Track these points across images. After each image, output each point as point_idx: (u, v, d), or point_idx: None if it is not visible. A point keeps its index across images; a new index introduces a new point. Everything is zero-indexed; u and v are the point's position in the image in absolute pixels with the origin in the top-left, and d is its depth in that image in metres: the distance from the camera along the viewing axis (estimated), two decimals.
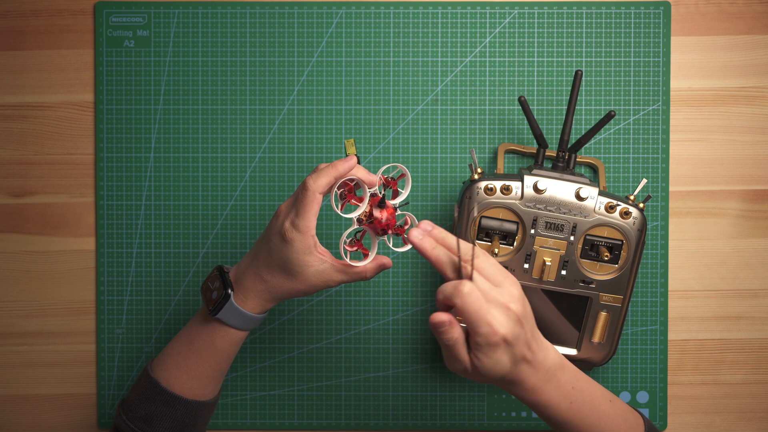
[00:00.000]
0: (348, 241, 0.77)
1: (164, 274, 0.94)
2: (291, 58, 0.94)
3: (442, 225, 0.93)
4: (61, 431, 0.95)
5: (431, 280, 0.94)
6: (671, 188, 0.93)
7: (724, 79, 0.93)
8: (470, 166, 0.85)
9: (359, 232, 0.78)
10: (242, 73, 0.94)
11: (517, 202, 0.83)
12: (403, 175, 0.78)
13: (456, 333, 0.66)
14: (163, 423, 0.77)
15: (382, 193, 0.77)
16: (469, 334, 0.67)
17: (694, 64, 0.93)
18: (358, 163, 0.76)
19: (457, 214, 0.85)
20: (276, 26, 0.94)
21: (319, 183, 0.73)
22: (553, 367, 0.70)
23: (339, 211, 0.75)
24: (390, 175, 0.79)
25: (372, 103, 0.94)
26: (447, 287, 0.67)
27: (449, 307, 0.68)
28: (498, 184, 0.83)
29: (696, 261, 0.94)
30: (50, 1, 0.94)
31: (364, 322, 0.94)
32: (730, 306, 0.94)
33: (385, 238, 0.79)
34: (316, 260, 0.74)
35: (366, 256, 0.77)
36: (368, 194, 0.76)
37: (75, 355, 0.94)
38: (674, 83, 0.93)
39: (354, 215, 0.76)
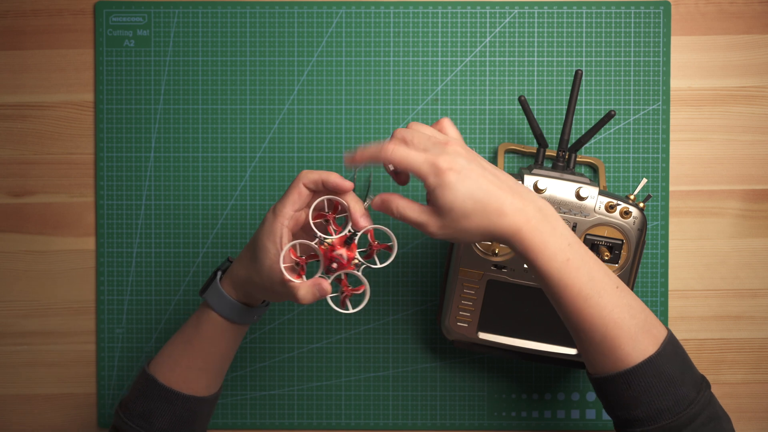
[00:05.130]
0: (298, 250, 0.71)
1: (164, 274, 0.94)
2: (291, 58, 0.94)
3: None
4: (61, 431, 0.95)
5: (431, 280, 0.94)
6: (671, 188, 0.93)
7: (724, 78, 0.93)
8: None
9: (312, 254, 0.72)
10: (242, 73, 0.94)
11: None
12: (390, 248, 0.72)
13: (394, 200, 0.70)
14: (161, 418, 0.77)
15: (367, 248, 0.72)
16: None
17: (694, 64, 0.94)
18: (370, 206, 0.72)
19: None
20: (276, 26, 0.94)
21: (309, 175, 0.72)
22: (543, 206, 0.69)
23: (311, 221, 0.71)
24: (385, 242, 0.74)
25: (372, 103, 0.94)
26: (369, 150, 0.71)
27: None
28: None
29: (696, 261, 0.94)
30: (50, 1, 0.94)
31: (364, 322, 0.94)
32: (730, 306, 0.94)
33: (329, 286, 0.70)
34: (275, 252, 0.71)
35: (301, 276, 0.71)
36: (347, 229, 0.71)
37: (75, 354, 0.94)
38: (674, 83, 0.93)
39: (319, 233, 0.71)
